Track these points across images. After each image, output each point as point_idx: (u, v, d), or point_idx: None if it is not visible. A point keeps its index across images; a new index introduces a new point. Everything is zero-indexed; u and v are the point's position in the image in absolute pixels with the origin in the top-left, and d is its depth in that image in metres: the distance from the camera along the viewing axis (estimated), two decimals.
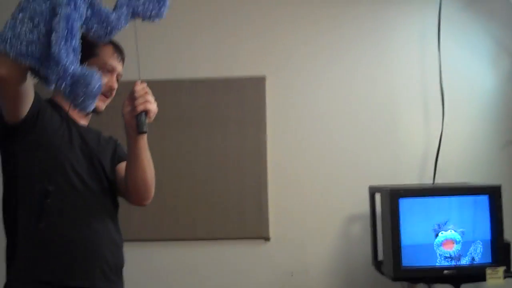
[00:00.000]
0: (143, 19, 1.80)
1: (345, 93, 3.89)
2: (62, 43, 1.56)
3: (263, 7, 4.00)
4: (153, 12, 1.79)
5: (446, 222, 3.21)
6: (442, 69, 3.78)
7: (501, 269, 3.12)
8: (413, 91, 3.86)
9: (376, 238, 3.48)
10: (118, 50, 2.21)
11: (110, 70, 2.13)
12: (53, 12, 1.59)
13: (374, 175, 3.73)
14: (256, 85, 3.89)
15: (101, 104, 2.12)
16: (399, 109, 3.85)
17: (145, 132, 1.95)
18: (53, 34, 1.56)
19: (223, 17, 4.01)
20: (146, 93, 1.94)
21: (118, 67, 2.17)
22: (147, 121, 1.94)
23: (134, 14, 1.76)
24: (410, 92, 3.86)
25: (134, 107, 1.93)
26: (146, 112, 1.93)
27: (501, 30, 3.88)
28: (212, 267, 3.79)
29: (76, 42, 1.60)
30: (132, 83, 1.96)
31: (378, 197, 3.46)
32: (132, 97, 1.94)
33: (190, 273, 3.77)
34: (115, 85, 2.17)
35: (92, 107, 1.68)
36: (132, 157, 2.05)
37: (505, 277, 3.11)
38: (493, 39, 3.87)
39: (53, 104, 2.06)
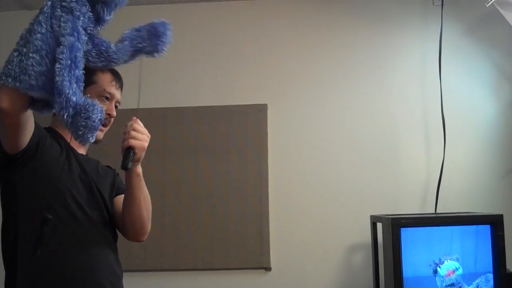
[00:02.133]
0: (146, 55, 1.79)
1: (346, 120, 3.89)
2: (66, 73, 1.55)
3: (264, 36, 4.02)
4: (157, 47, 1.79)
5: (448, 252, 3.18)
6: (443, 96, 3.77)
7: None
8: (414, 118, 3.86)
9: (378, 268, 3.46)
10: (117, 77, 2.19)
11: (108, 98, 2.12)
12: (57, 43, 1.59)
13: (376, 204, 3.71)
14: (258, 113, 3.90)
15: (99, 133, 2.08)
16: (400, 137, 3.84)
17: (127, 169, 1.90)
18: (57, 65, 1.55)
19: (224, 46, 4.03)
20: (132, 129, 1.90)
21: (117, 94, 2.15)
22: (132, 158, 1.89)
23: (137, 51, 1.76)
24: (411, 120, 3.85)
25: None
26: (133, 148, 1.89)
27: (503, 57, 3.88)
28: None
29: (80, 71, 1.59)
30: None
31: (379, 226, 3.44)
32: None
33: None
34: (114, 113, 2.14)
35: (92, 139, 1.63)
36: (128, 194, 2.04)
37: None
38: (495, 66, 3.87)
39: (53, 133, 2.05)
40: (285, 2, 4.06)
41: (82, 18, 1.62)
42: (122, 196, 2.12)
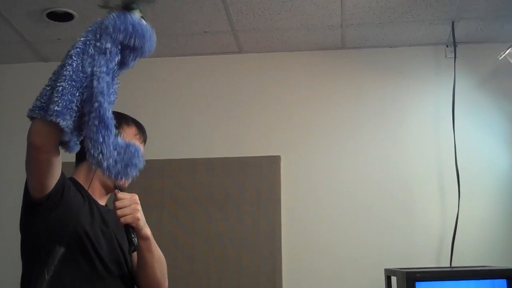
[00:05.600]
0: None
1: (360, 173, 3.88)
2: (105, 113, 1.62)
3: (277, 88, 4.08)
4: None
5: None
6: (457, 148, 3.76)
7: None
8: (428, 171, 3.84)
9: None
10: (141, 131, 2.22)
11: None
12: (89, 80, 1.63)
13: (390, 258, 3.67)
14: (271, 164, 3.91)
15: (124, 182, 2.09)
16: (414, 190, 3.82)
17: (136, 245, 1.93)
18: (96, 104, 1.61)
19: (237, 98, 4.09)
20: (118, 208, 1.90)
21: (141, 148, 2.16)
22: (133, 231, 1.91)
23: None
24: (425, 173, 3.84)
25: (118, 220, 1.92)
26: (130, 227, 1.91)
27: None
28: None
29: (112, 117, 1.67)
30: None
31: (394, 280, 3.39)
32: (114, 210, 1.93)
33: None
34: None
35: (133, 177, 1.72)
36: (139, 259, 2.05)
37: None
38: (508, 117, 3.87)
39: (75, 183, 2.06)
40: (297, 53, 4.11)
41: (113, 62, 1.68)
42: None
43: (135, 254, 2.15)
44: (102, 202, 2.17)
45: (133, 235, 1.90)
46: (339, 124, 3.98)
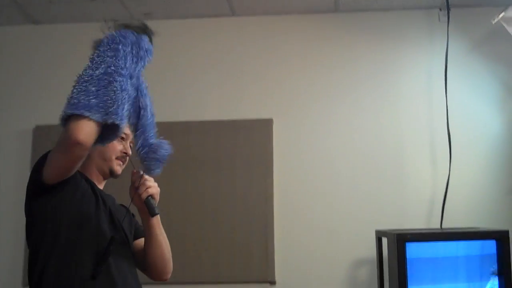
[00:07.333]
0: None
1: (352, 137, 3.90)
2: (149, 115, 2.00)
3: (270, 51, 4.06)
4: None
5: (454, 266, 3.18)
6: (449, 112, 3.78)
7: None
8: (420, 134, 3.87)
9: (383, 283, 3.45)
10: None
11: (124, 138, 2.22)
12: (134, 84, 1.91)
13: (381, 219, 3.71)
14: (263, 127, 3.92)
15: (118, 168, 2.24)
16: (406, 152, 3.85)
17: (157, 214, 2.12)
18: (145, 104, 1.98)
19: (230, 60, 4.07)
20: (145, 180, 2.10)
21: (131, 134, 2.24)
22: (155, 203, 2.11)
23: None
24: (417, 135, 3.87)
25: (139, 195, 2.09)
26: (151, 196, 2.10)
27: (509, 74, 3.89)
28: None
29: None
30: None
31: (385, 241, 3.43)
32: (134, 187, 2.11)
33: None
34: (129, 151, 2.26)
35: (159, 171, 2.00)
36: (149, 236, 2.19)
37: None
38: (500, 82, 3.89)
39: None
40: (290, 17, 4.09)
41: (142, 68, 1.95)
42: (141, 239, 2.27)
43: (138, 241, 2.28)
44: (100, 186, 2.25)
45: (155, 206, 2.11)
46: (331, 87, 3.99)
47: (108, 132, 1.83)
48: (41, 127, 4.00)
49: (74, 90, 1.76)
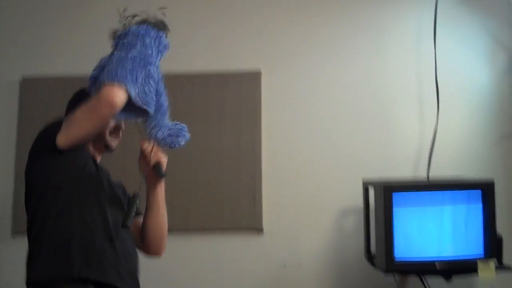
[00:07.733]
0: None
1: (340, 88, 3.90)
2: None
3: (259, 2, 4.00)
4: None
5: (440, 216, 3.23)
6: (437, 64, 3.78)
7: (492, 262, 3.13)
8: (408, 86, 3.87)
9: (369, 232, 3.48)
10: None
11: None
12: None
13: (368, 169, 3.72)
14: (252, 79, 3.90)
15: (113, 142, 2.37)
16: (394, 103, 3.86)
17: (165, 175, 2.33)
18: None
19: (219, 12, 4.02)
20: (153, 149, 2.27)
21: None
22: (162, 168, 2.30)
23: None
24: (405, 87, 3.87)
25: (148, 162, 2.27)
26: (160, 162, 2.29)
27: (497, 26, 3.88)
28: (204, 257, 3.78)
29: None
30: None
31: (371, 191, 3.46)
32: (143, 155, 2.27)
33: (183, 263, 3.76)
34: (123, 126, 2.39)
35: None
36: (153, 205, 2.35)
37: (496, 270, 3.13)
38: (489, 35, 3.88)
39: None
40: None
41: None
42: (138, 218, 2.38)
43: (135, 218, 2.33)
44: (98, 159, 2.37)
45: (163, 170, 2.32)
46: (320, 40, 3.96)
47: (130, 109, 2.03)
48: (28, 80, 3.93)
49: (112, 65, 1.98)
